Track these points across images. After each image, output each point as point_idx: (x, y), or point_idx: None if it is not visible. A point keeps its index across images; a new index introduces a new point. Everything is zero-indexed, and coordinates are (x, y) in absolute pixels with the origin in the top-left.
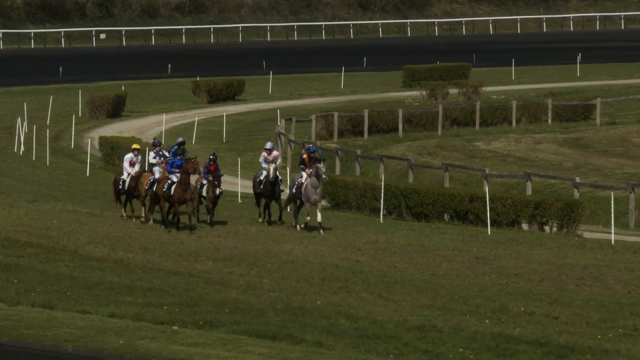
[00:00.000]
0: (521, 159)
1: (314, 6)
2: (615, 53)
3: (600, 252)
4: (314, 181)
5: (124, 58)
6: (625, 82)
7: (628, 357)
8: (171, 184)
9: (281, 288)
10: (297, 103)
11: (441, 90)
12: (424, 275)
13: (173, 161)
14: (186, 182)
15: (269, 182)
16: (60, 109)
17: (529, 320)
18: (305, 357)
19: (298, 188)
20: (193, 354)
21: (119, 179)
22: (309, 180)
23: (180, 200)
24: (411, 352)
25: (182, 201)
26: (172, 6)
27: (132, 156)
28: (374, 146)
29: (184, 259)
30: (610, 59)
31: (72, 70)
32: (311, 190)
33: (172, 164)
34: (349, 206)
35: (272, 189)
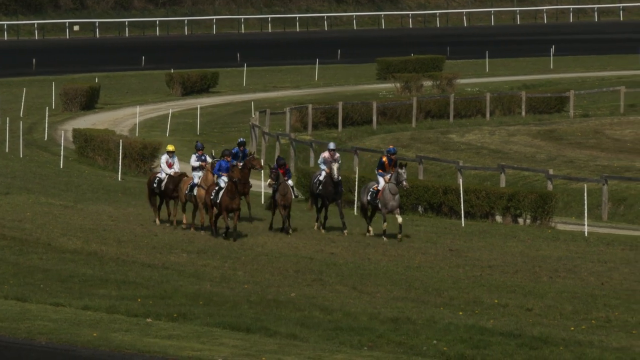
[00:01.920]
0: (495, 151)
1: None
2: (589, 45)
3: (574, 244)
4: (392, 187)
5: (97, 50)
6: (599, 75)
7: (601, 349)
8: (218, 191)
9: (255, 280)
10: (271, 95)
11: (415, 82)
12: (398, 268)
13: (219, 164)
14: (233, 190)
15: (330, 182)
16: (33, 101)
17: (502, 312)
18: (280, 349)
19: (373, 194)
20: (167, 346)
21: (154, 179)
22: (388, 186)
23: (228, 209)
24: (385, 344)
25: (231, 210)
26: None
27: (167, 157)
28: (348, 138)
29: (158, 251)
30: (583, 51)
31: (45, 62)
32: (389, 196)
33: (219, 168)
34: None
35: (335, 189)
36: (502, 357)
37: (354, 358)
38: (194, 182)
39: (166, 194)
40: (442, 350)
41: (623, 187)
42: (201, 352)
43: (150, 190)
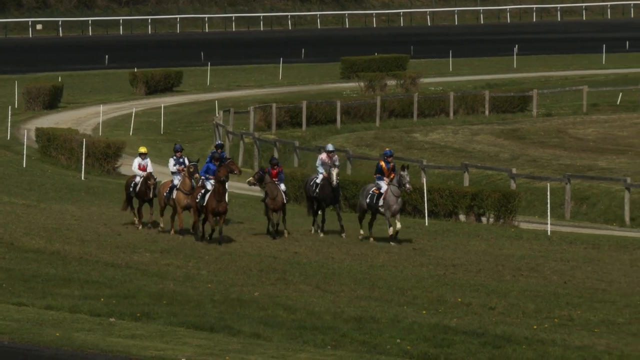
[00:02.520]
0: (458, 150)
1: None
2: (552, 45)
3: (537, 242)
4: (395, 190)
5: (60, 49)
6: (562, 74)
7: (564, 347)
8: (205, 193)
9: (219, 279)
10: (235, 94)
11: (379, 81)
12: (362, 267)
13: (207, 167)
14: (220, 192)
15: (327, 185)
16: None
17: (466, 311)
18: (243, 349)
19: (373, 197)
20: (130, 345)
21: (131, 182)
22: (390, 188)
23: (215, 212)
24: (348, 343)
25: (217, 213)
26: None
27: (140, 160)
28: (312, 137)
29: (122, 250)
30: (546, 50)
31: (8, 61)
32: (392, 199)
33: (207, 170)
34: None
35: (333, 193)
36: (466, 356)
37: (317, 357)
38: (174, 183)
39: (139, 196)
40: (406, 349)
41: (585, 186)
42: (164, 351)
43: (127, 195)
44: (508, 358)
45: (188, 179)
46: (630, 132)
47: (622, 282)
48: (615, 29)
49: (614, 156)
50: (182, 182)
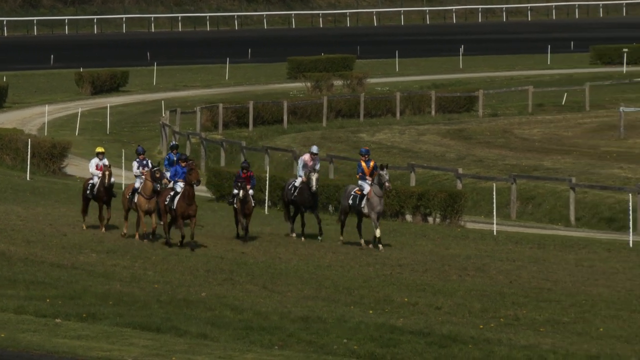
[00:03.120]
0: (405, 150)
1: None
2: (497, 45)
3: (483, 242)
4: (377, 190)
5: (5, 49)
6: (507, 74)
7: (509, 346)
8: (174, 196)
9: (165, 280)
10: (181, 94)
11: (326, 81)
12: (309, 267)
13: (175, 170)
14: (190, 195)
15: (306, 189)
16: None
17: (412, 311)
18: (190, 349)
19: (356, 199)
20: (76, 346)
21: (87, 185)
22: (373, 189)
23: (184, 214)
24: (295, 343)
25: (187, 216)
26: None
27: (97, 160)
28: (259, 137)
29: (67, 251)
30: (492, 51)
31: None
32: (376, 200)
33: (175, 173)
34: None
35: (312, 198)
36: (412, 356)
37: (264, 357)
38: (136, 186)
39: (99, 198)
40: (353, 349)
41: (531, 186)
42: (110, 352)
43: (84, 197)
44: (454, 357)
45: (150, 183)
46: (575, 132)
47: (567, 281)
48: (560, 29)
49: (559, 156)
50: (143, 186)
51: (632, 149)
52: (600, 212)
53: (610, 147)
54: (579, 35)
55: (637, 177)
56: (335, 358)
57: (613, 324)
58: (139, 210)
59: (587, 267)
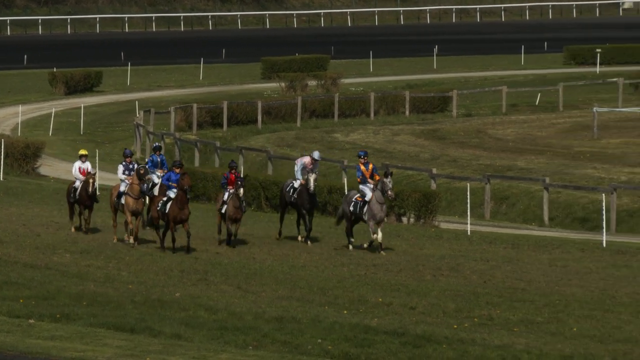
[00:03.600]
0: (379, 151)
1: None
2: (471, 45)
3: (457, 242)
4: (379, 196)
5: None
6: (481, 74)
7: (483, 346)
8: (167, 201)
9: (140, 280)
10: (155, 94)
11: (300, 82)
12: (283, 267)
13: (169, 175)
14: (183, 200)
15: (305, 192)
16: None
17: (386, 311)
18: (164, 350)
19: (357, 205)
20: (50, 347)
21: (71, 189)
22: (375, 195)
23: (177, 219)
24: (270, 343)
25: (179, 221)
26: None
27: (80, 163)
28: (233, 138)
29: (41, 251)
30: (466, 51)
31: None
32: (377, 207)
33: (168, 179)
34: (209, 198)
35: (310, 200)
36: (386, 356)
37: (238, 357)
38: (121, 190)
39: (80, 201)
40: (327, 349)
41: (505, 186)
42: (84, 352)
43: (68, 200)
44: (428, 357)
45: (136, 184)
46: (548, 132)
47: (541, 281)
48: (533, 30)
49: (533, 156)
50: (130, 187)
51: (605, 149)
52: (573, 212)
53: (584, 147)
54: (552, 36)
55: (611, 177)
56: (310, 358)
57: (586, 324)
58: (126, 210)
59: (561, 267)
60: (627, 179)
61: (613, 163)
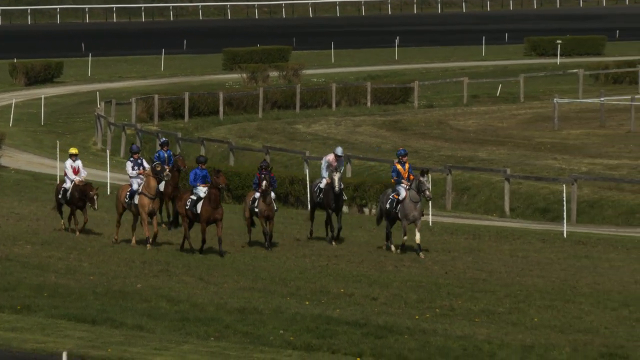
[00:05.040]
0: (341, 142)
1: None
2: (432, 37)
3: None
4: (413, 195)
5: None
6: (442, 66)
7: (445, 337)
8: (196, 201)
9: (101, 272)
10: (117, 85)
11: (262, 73)
12: (245, 258)
13: (194, 173)
14: (216, 199)
15: (331, 191)
16: None
17: (348, 302)
18: (126, 341)
19: (393, 203)
20: (11, 338)
21: (60, 188)
22: (409, 194)
23: (210, 219)
24: (232, 334)
25: (212, 220)
26: None
27: (71, 162)
28: (194, 129)
29: (1, 243)
30: (427, 42)
31: None
32: (410, 206)
33: (195, 177)
34: None
35: (336, 200)
36: (348, 347)
37: (200, 349)
38: (133, 188)
39: (72, 202)
40: (289, 340)
41: (466, 177)
42: (45, 344)
43: (57, 202)
44: (390, 348)
45: (154, 181)
46: (509, 123)
47: (502, 272)
48: (494, 21)
49: (494, 147)
50: (145, 185)
51: (566, 140)
52: (534, 202)
53: (545, 138)
54: (513, 27)
55: (571, 168)
56: (272, 349)
57: (547, 314)
58: (142, 212)
59: (522, 258)
60: (588, 169)
61: (573, 154)
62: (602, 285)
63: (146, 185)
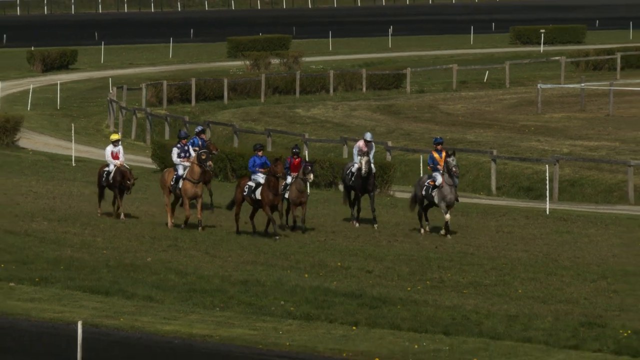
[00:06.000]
0: (338, 125)
1: None
2: (424, 26)
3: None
4: (448, 179)
5: None
6: (433, 53)
7: (435, 307)
8: (255, 187)
9: (114, 246)
10: (128, 72)
11: (264, 60)
12: (247, 234)
13: (253, 160)
14: (275, 186)
15: (360, 175)
16: None
17: (345, 274)
18: (137, 311)
19: (429, 189)
20: (29, 309)
21: (103, 172)
22: (444, 179)
23: (272, 204)
24: (236, 304)
25: (274, 206)
26: None
27: (112, 147)
28: (201, 112)
29: (20, 219)
30: (419, 31)
31: None
32: (447, 189)
33: (254, 164)
34: None
35: (364, 183)
36: (344, 316)
37: (206, 318)
38: (179, 173)
39: (114, 185)
40: (289, 310)
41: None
42: (62, 314)
43: (99, 184)
44: (384, 318)
45: (197, 167)
46: (495, 107)
47: (488, 246)
48: (482, 11)
49: (481, 130)
50: (190, 171)
51: (548, 123)
52: (519, 182)
53: (529, 122)
54: (499, 17)
55: (554, 149)
56: (273, 319)
57: (531, 286)
58: (184, 195)
59: (507, 233)
60: (569, 150)
61: (556, 136)
62: (581, 259)
63: (190, 171)
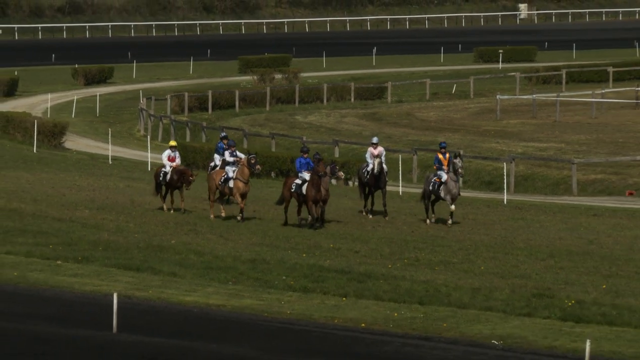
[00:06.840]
0: (331, 129)
1: (169, 9)
2: (402, 47)
3: (391, 201)
4: (452, 176)
5: (16, 49)
6: (410, 70)
7: (411, 281)
8: (301, 184)
9: (143, 230)
10: (155, 85)
11: (269, 75)
12: (256, 220)
13: (299, 161)
14: (317, 184)
15: (374, 175)
16: None
17: (336, 254)
18: (163, 284)
19: (435, 185)
20: (73, 282)
21: (160, 172)
22: (449, 176)
23: (315, 199)
24: (245, 279)
25: (316, 201)
26: (55, 8)
27: (169, 152)
28: (216, 119)
29: (66, 208)
30: (398, 51)
31: None
32: (452, 184)
33: (300, 164)
34: (197, 166)
35: (377, 180)
36: (336, 289)
37: (221, 290)
38: (229, 175)
39: (171, 184)
40: (290, 284)
41: (429, 157)
42: (100, 287)
43: (156, 183)
44: (369, 290)
45: (247, 169)
46: (462, 114)
47: (456, 230)
48: (451, 35)
49: (450, 133)
50: (240, 171)
51: (506, 128)
52: (481, 177)
53: (489, 127)
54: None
55: (510, 150)
56: (277, 291)
57: (491, 264)
58: (236, 193)
59: (471, 220)
60: (523, 151)
61: (512, 139)
62: (533, 241)
63: (240, 172)
